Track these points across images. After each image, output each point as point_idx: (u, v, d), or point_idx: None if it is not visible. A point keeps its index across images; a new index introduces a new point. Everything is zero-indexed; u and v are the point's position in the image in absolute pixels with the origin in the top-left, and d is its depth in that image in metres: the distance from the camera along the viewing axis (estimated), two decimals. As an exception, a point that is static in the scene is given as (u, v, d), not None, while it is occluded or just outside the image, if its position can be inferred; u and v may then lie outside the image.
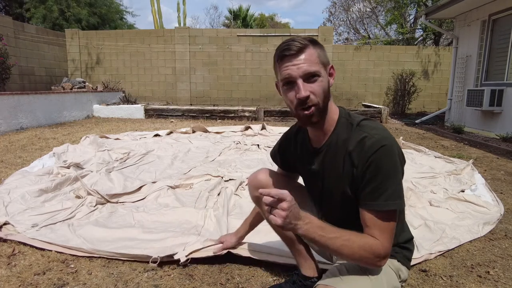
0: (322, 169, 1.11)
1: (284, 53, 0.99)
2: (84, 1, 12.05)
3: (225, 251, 1.63)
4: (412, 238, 1.18)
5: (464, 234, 1.96)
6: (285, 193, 0.89)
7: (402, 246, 1.12)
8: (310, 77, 0.99)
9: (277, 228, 1.33)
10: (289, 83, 1.01)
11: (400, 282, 1.09)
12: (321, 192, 1.16)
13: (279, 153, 1.34)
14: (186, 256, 1.60)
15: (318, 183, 1.15)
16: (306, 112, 1.00)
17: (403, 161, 1.00)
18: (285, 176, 1.37)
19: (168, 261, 1.64)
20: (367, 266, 0.97)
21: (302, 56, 0.98)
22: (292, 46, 0.98)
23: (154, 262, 1.58)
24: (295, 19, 52.24)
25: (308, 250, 1.36)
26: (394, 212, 0.95)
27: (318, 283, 1.04)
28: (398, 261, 1.09)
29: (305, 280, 1.34)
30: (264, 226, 1.56)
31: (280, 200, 0.89)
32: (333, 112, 1.07)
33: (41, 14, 11.07)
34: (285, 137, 1.32)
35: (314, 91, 0.99)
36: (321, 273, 1.27)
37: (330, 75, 1.05)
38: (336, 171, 1.05)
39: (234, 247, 1.66)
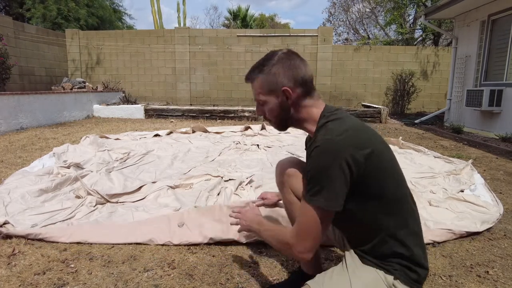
0: None
1: (245, 81, 1.21)
2: (82, 2, 12.05)
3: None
4: (423, 267, 1.06)
5: (462, 228, 2.00)
6: (241, 210, 1.34)
7: (405, 265, 1.04)
8: (258, 103, 1.18)
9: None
10: None
11: None
12: None
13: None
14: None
15: None
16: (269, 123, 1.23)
17: (351, 167, 0.97)
18: None
19: (168, 262, 1.65)
20: (289, 255, 1.23)
21: (252, 87, 1.18)
22: (246, 78, 1.18)
23: (180, 225, 1.74)
24: (295, 20, 52.27)
25: None
26: (313, 210, 0.99)
27: (306, 283, 1.08)
28: (397, 278, 1.02)
29: (304, 277, 1.34)
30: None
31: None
32: (314, 115, 1.13)
33: (40, 14, 11.07)
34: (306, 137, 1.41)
35: (264, 113, 1.18)
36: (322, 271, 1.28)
37: (286, 96, 1.11)
38: None
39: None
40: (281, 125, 1.20)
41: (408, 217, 1.08)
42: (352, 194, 1.01)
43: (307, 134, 1.26)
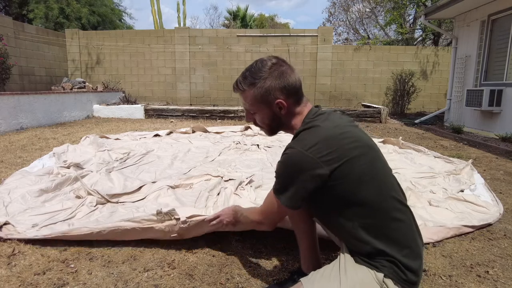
0: None
1: (233, 90, 1.26)
2: (84, 0, 12.06)
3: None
4: (413, 271, 1.05)
5: (459, 222, 2.04)
6: (218, 213, 1.49)
7: (394, 262, 1.03)
8: (249, 112, 1.24)
9: (293, 223, 1.48)
10: None
11: None
12: None
13: None
14: (187, 217, 1.73)
15: None
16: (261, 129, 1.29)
17: (305, 176, 1.04)
18: None
19: (168, 262, 1.65)
20: (257, 228, 1.41)
21: (242, 96, 1.21)
22: (235, 89, 1.23)
23: (159, 213, 1.72)
24: (295, 20, 52.24)
25: (312, 248, 1.41)
26: (276, 198, 1.14)
27: (299, 279, 1.13)
28: (387, 276, 1.02)
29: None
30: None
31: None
32: (299, 120, 1.19)
33: (43, 13, 11.07)
34: None
35: (255, 121, 1.24)
36: None
37: (279, 107, 1.16)
38: None
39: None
40: (272, 132, 1.26)
41: (390, 216, 1.06)
42: (322, 199, 1.08)
43: None
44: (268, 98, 1.15)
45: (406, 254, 1.04)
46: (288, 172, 1.08)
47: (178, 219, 1.73)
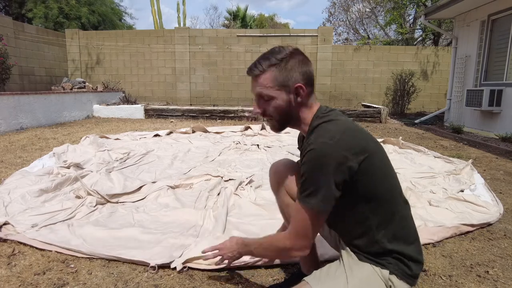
0: None
1: (247, 73, 1.13)
2: (83, 0, 12.05)
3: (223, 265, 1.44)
4: (418, 261, 1.08)
5: (458, 221, 2.04)
6: (217, 246, 1.32)
7: (400, 259, 1.05)
8: (262, 98, 1.10)
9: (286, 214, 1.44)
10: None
11: None
12: None
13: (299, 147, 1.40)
14: (183, 263, 1.59)
15: None
16: (268, 122, 1.17)
17: (340, 168, 0.98)
18: None
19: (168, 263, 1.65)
20: (286, 259, 1.20)
21: (258, 79, 1.09)
22: (252, 70, 1.10)
23: (153, 269, 1.58)
24: (295, 20, 52.25)
25: (311, 249, 1.38)
26: (308, 210, 1.01)
27: (303, 279, 1.10)
28: (392, 273, 1.04)
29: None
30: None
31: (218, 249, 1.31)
32: (309, 117, 1.13)
33: (42, 13, 11.07)
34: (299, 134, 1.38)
35: (266, 110, 1.11)
36: None
37: (297, 94, 1.09)
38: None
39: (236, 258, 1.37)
40: (283, 125, 1.16)
41: (399, 215, 1.09)
42: (344, 195, 1.03)
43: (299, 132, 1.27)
44: (289, 80, 1.07)
45: (413, 249, 1.08)
46: (318, 167, 0.98)
47: (174, 268, 1.58)
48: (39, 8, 11.09)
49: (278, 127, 1.16)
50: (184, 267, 1.58)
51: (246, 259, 1.54)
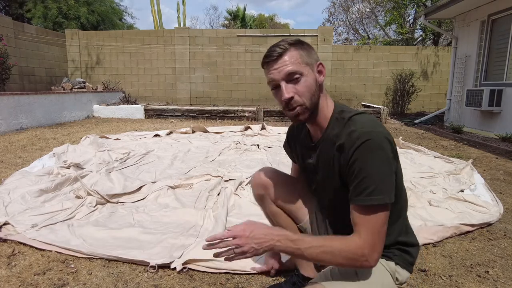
0: (317, 163, 1.13)
1: (267, 60, 1.03)
2: (82, 0, 12.05)
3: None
4: (416, 245, 1.13)
5: (458, 221, 2.04)
6: (232, 230, 0.94)
7: (403, 249, 1.08)
8: (292, 77, 1.00)
9: (276, 223, 1.38)
10: (275, 86, 1.04)
11: (397, 284, 1.08)
12: (317, 186, 1.18)
13: (288, 144, 1.36)
14: (183, 264, 1.59)
15: (315, 178, 1.17)
16: (291, 112, 1.04)
17: (395, 156, 0.98)
18: (288, 176, 1.38)
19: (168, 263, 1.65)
20: (355, 268, 0.96)
21: (283, 59, 1.01)
22: (273, 52, 1.01)
23: (153, 268, 1.58)
24: (295, 20, 52.26)
25: None
26: (378, 207, 0.92)
27: (310, 281, 1.08)
28: (396, 263, 1.06)
29: (304, 280, 1.34)
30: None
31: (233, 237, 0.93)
32: (328, 107, 1.08)
33: (41, 13, 11.07)
34: (290, 130, 1.34)
35: (298, 91, 1.01)
36: None
37: (319, 72, 1.05)
38: (328, 166, 1.06)
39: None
40: (313, 109, 1.04)
41: (405, 204, 1.12)
42: None
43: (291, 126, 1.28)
44: (312, 58, 1.04)
45: (412, 234, 1.13)
46: (380, 158, 0.92)
47: (174, 268, 1.57)
48: (38, 8, 11.08)
49: (308, 113, 1.04)
50: (184, 267, 1.58)
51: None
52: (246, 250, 0.93)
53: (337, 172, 1.03)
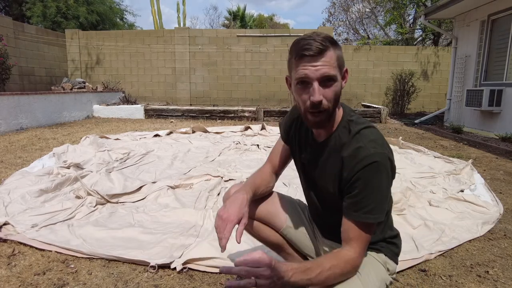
0: (316, 163, 1.13)
1: (304, 53, 0.94)
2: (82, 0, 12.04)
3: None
4: (397, 234, 1.20)
5: (463, 233, 1.97)
6: (262, 259, 0.84)
7: (389, 241, 1.16)
8: (326, 81, 0.96)
9: (261, 237, 1.35)
10: (303, 82, 0.98)
11: (389, 275, 1.13)
12: (312, 185, 1.20)
13: (287, 128, 1.28)
14: (183, 264, 1.59)
15: (311, 175, 1.18)
16: (316, 116, 1.00)
17: (393, 175, 1.02)
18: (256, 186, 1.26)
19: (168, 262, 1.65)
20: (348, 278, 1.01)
21: (322, 59, 0.94)
22: (313, 47, 0.93)
23: (153, 268, 1.58)
24: (295, 20, 52.26)
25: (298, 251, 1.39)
26: (372, 225, 0.98)
27: None
28: (385, 255, 1.13)
29: None
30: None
31: (258, 265, 0.84)
32: (339, 112, 1.07)
33: (40, 12, 11.06)
34: (293, 115, 1.27)
35: (327, 96, 0.97)
36: None
37: (343, 78, 1.02)
38: (328, 171, 1.07)
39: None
40: (333, 115, 1.03)
41: (391, 204, 1.20)
42: None
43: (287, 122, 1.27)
44: (343, 63, 1.00)
45: (392, 226, 1.20)
46: (382, 181, 0.96)
47: (174, 268, 1.58)
48: (37, 6, 11.07)
49: (327, 120, 1.01)
50: (184, 267, 1.58)
51: None
52: (267, 284, 0.83)
53: (336, 180, 1.04)
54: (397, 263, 1.18)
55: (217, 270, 1.57)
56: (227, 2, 55.35)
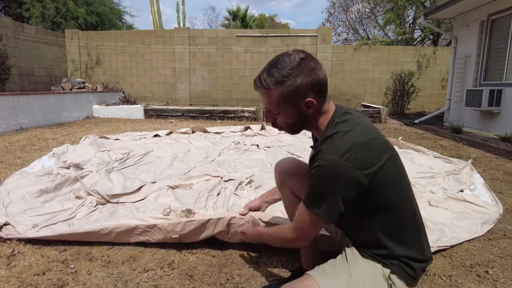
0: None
1: (254, 87, 1.11)
2: (81, 0, 12.03)
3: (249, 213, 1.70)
4: (421, 261, 1.11)
5: (463, 233, 1.97)
6: (244, 231, 1.42)
7: (402, 260, 1.08)
8: (271, 111, 1.11)
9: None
10: None
11: None
12: None
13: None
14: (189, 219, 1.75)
15: None
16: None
17: (345, 185, 0.99)
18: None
19: (168, 263, 1.65)
20: (290, 246, 1.31)
21: (264, 95, 1.08)
22: (257, 86, 1.08)
23: (167, 213, 1.69)
24: (295, 20, 52.25)
25: (314, 246, 1.43)
26: (310, 215, 1.04)
27: (306, 273, 1.11)
28: (393, 272, 1.07)
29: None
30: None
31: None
32: (323, 122, 1.10)
33: (39, 13, 11.06)
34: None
35: (276, 121, 1.13)
36: None
37: (307, 106, 1.06)
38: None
39: (258, 209, 1.70)
40: (295, 131, 1.16)
41: (408, 222, 1.11)
42: (351, 207, 1.03)
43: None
44: (297, 97, 1.04)
45: (418, 247, 1.11)
46: (326, 184, 0.99)
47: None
48: (36, 7, 11.07)
49: (291, 133, 1.18)
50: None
51: None
52: (246, 240, 1.44)
53: None
54: (410, 285, 1.10)
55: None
56: (227, 2, 55.35)
